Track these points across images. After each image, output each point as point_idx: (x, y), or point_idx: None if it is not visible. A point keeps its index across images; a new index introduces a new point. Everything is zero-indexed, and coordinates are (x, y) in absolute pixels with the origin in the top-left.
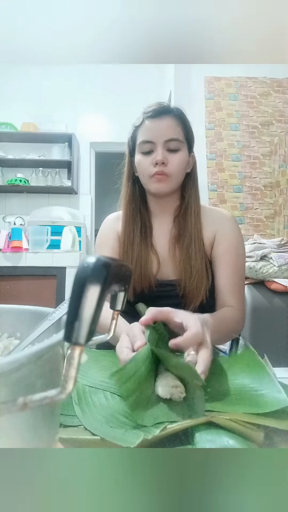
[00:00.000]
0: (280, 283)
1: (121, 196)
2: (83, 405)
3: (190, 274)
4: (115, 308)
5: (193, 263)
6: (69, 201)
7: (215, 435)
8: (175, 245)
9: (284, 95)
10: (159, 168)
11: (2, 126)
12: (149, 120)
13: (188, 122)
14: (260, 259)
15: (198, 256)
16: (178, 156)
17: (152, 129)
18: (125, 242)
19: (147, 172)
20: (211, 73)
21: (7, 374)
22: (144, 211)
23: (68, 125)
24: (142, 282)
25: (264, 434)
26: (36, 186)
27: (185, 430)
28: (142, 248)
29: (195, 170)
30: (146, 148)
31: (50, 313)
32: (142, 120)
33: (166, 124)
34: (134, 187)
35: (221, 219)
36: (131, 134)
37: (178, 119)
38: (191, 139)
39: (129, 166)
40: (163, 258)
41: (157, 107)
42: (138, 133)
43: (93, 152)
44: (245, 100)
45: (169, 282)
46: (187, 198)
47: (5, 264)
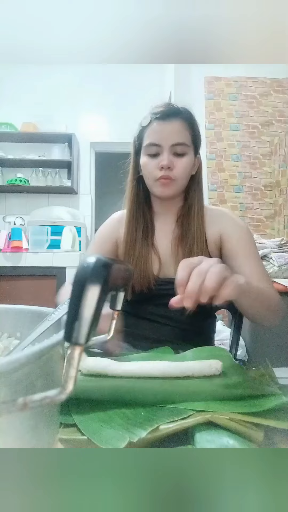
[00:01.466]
0: (280, 283)
1: (125, 195)
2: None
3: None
4: (115, 308)
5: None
6: (69, 201)
7: (215, 435)
8: (177, 245)
9: (284, 95)
10: (165, 172)
11: (2, 126)
12: (157, 122)
13: (197, 124)
14: None
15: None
16: (184, 160)
17: (159, 132)
18: (127, 241)
19: (152, 175)
20: (211, 73)
21: (7, 374)
22: (147, 211)
23: (68, 125)
24: (141, 281)
25: (264, 434)
26: (36, 186)
27: (185, 430)
28: (143, 247)
29: (200, 172)
30: (152, 151)
31: (50, 313)
32: (150, 121)
33: (174, 128)
34: (138, 186)
35: (223, 218)
36: (138, 133)
37: (187, 123)
38: (198, 142)
39: (134, 165)
40: (164, 257)
41: (166, 109)
42: (145, 134)
43: (93, 152)
44: (245, 100)
45: (170, 280)
46: (191, 199)
47: (5, 264)
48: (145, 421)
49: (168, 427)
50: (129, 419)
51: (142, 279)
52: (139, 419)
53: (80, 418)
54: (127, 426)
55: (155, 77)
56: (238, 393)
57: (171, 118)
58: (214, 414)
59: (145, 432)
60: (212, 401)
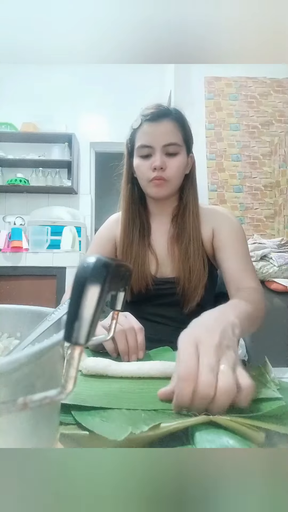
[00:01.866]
0: (280, 283)
1: (121, 197)
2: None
3: (189, 274)
4: (115, 308)
5: (192, 263)
6: (69, 201)
7: (215, 435)
8: (173, 244)
9: (284, 95)
10: (158, 173)
11: (2, 126)
12: (147, 124)
13: (187, 123)
14: (260, 259)
15: (196, 255)
16: (176, 160)
17: (150, 133)
18: (124, 242)
19: (145, 177)
20: (211, 73)
21: (7, 374)
22: (143, 211)
23: (68, 125)
24: (139, 281)
25: (265, 434)
26: (36, 186)
27: (185, 430)
28: (140, 248)
29: (194, 171)
30: (144, 152)
31: (50, 313)
32: (140, 123)
33: (164, 128)
34: (133, 188)
35: (216, 214)
36: (130, 136)
37: (177, 122)
38: (190, 141)
39: (127, 167)
40: (161, 257)
41: (155, 110)
42: (137, 136)
43: (93, 152)
44: (245, 100)
45: (167, 280)
46: (185, 199)
47: (5, 264)
48: (146, 419)
49: (168, 425)
50: (130, 419)
51: (140, 279)
52: (140, 418)
53: (81, 415)
54: (128, 421)
55: (155, 77)
56: None
57: (161, 119)
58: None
59: (147, 427)
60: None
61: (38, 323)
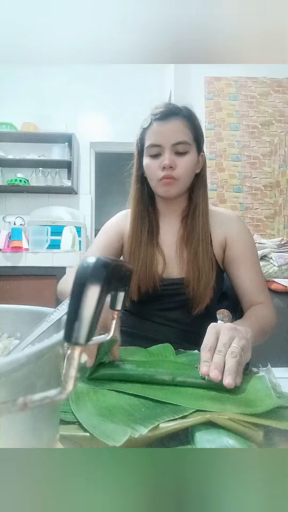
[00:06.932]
0: (280, 283)
1: (130, 196)
2: (79, 400)
3: (198, 275)
4: (115, 308)
5: (201, 264)
6: (69, 201)
7: (215, 435)
8: (182, 245)
9: (284, 95)
10: (167, 172)
11: (2, 126)
12: (157, 123)
13: (198, 121)
14: (260, 259)
15: (205, 257)
16: (186, 159)
17: (159, 132)
18: (133, 241)
19: (155, 176)
20: (211, 73)
21: (7, 374)
22: (152, 211)
23: (68, 125)
24: (147, 281)
25: (263, 433)
26: (36, 186)
27: (185, 430)
28: (148, 247)
29: (204, 170)
30: (154, 152)
31: (50, 314)
32: (150, 122)
33: (174, 127)
34: (142, 188)
35: (228, 220)
36: (139, 135)
37: (187, 121)
38: (200, 140)
39: (137, 167)
40: (169, 258)
41: (165, 109)
42: (146, 136)
43: (93, 152)
44: (245, 100)
45: (174, 281)
46: (195, 199)
47: (5, 264)
48: (146, 417)
49: (168, 425)
50: (130, 415)
51: (147, 279)
52: (140, 415)
53: (81, 414)
54: (128, 422)
55: (155, 77)
56: (238, 394)
57: (170, 117)
58: (214, 414)
59: (146, 430)
60: (211, 401)
61: (38, 323)
